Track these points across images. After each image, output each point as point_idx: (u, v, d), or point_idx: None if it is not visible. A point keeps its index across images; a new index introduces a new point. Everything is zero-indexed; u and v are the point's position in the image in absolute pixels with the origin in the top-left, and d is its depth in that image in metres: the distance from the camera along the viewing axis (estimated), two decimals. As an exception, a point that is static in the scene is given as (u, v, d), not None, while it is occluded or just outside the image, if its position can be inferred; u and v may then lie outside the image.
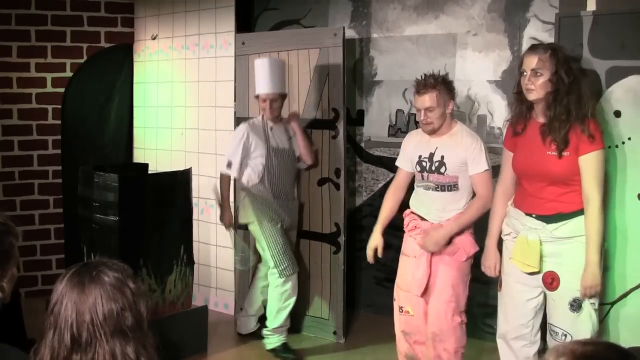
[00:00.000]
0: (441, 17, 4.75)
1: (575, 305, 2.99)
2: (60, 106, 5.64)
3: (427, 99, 3.49)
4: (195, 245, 4.73)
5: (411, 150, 3.69)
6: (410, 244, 3.67)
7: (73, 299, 1.62)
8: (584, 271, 2.95)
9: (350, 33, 5.04)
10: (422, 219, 3.62)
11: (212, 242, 5.29)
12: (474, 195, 3.57)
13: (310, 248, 4.79)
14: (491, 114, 4.52)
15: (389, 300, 5.07)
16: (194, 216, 4.78)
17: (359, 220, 5.17)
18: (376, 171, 5.11)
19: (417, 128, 3.98)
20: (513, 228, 3.19)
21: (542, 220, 3.05)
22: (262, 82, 4.32)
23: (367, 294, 5.22)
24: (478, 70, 4.60)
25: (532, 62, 3.02)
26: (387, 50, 5.01)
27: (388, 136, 5.03)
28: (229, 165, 4.40)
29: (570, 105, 2.97)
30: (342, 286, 4.67)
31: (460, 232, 3.53)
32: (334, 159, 4.65)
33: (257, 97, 4.39)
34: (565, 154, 2.99)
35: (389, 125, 5.02)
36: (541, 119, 3.09)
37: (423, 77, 3.57)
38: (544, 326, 3.24)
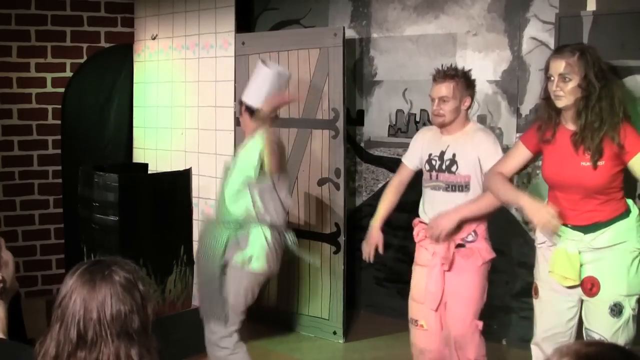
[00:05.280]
0: (441, 17, 4.75)
1: (616, 310, 2.83)
2: (60, 106, 5.64)
3: (443, 88, 3.32)
4: (195, 245, 4.72)
5: (421, 147, 3.50)
6: (423, 254, 3.47)
7: (83, 295, 1.63)
8: None
9: (350, 33, 5.04)
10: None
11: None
12: None
13: (310, 248, 4.80)
14: (491, 114, 4.52)
15: (389, 300, 5.10)
16: (194, 216, 4.78)
17: (359, 220, 5.17)
18: (376, 171, 5.11)
19: (417, 128, 3.98)
20: (548, 237, 2.98)
21: (579, 231, 2.87)
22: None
23: (367, 294, 5.23)
24: (478, 70, 4.57)
25: (559, 66, 2.80)
26: (387, 50, 5.01)
27: (388, 136, 5.03)
28: None
29: (602, 112, 2.76)
30: (342, 286, 4.67)
31: (474, 240, 3.36)
32: (334, 159, 4.65)
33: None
34: (600, 163, 2.79)
35: (389, 125, 5.02)
36: (571, 127, 2.87)
37: (443, 66, 3.40)
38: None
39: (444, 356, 3.46)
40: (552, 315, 3.01)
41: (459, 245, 3.37)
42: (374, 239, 3.54)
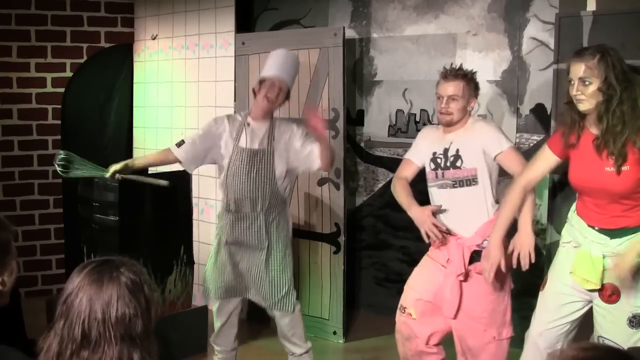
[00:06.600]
0: (441, 17, 4.75)
1: (635, 322, 2.75)
2: (60, 106, 5.65)
3: (452, 87, 3.30)
4: (195, 245, 4.73)
5: (425, 145, 3.45)
6: (438, 252, 3.38)
7: (89, 294, 1.62)
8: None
9: (350, 33, 5.04)
10: (448, 233, 3.34)
11: (212, 242, 5.27)
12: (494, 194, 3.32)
13: (310, 248, 4.80)
14: (491, 114, 4.52)
15: (389, 300, 5.09)
16: (194, 216, 4.78)
17: (359, 220, 5.17)
18: (376, 171, 5.11)
19: (417, 128, 3.97)
20: (573, 237, 2.94)
21: (605, 234, 2.81)
22: (272, 65, 3.72)
23: (367, 294, 5.23)
24: (478, 70, 4.57)
25: (579, 70, 2.75)
26: (387, 50, 5.01)
27: (388, 136, 5.03)
28: (180, 143, 3.77)
29: (624, 115, 2.69)
30: (342, 286, 4.67)
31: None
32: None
33: (254, 89, 3.74)
34: (624, 168, 2.71)
35: (389, 125, 5.02)
36: (595, 131, 2.80)
37: (452, 65, 3.40)
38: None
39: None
40: (555, 310, 2.97)
41: (476, 252, 3.27)
42: (426, 218, 3.32)
